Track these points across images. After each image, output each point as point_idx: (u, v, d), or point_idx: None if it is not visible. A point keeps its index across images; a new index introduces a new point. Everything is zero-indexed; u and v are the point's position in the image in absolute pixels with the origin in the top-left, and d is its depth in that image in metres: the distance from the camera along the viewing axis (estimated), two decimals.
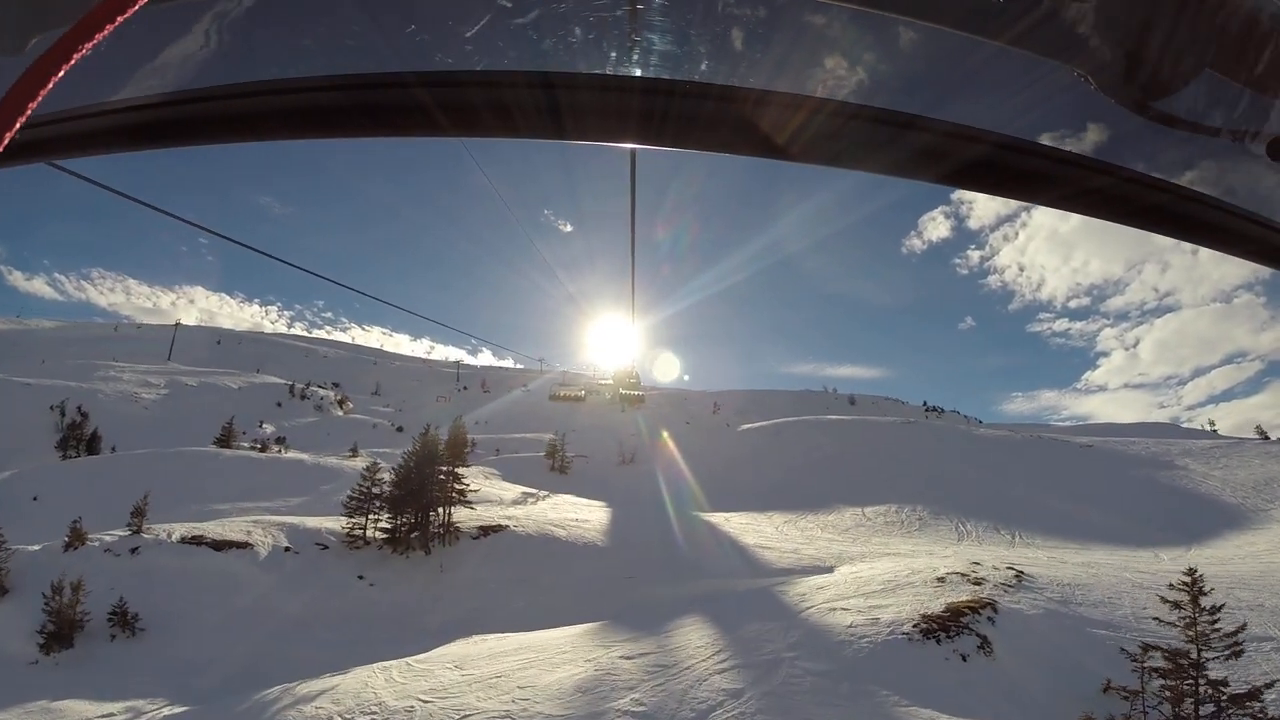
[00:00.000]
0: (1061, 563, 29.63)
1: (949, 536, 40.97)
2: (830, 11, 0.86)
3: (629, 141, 0.96)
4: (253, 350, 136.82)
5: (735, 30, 0.92)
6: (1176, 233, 1.02)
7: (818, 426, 75.13)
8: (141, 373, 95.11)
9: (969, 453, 64.55)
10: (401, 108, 0.98)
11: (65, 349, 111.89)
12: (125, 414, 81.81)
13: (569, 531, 32.03)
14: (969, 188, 1.02)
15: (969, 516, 45.19)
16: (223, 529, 32.32)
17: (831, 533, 40.29)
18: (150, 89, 1.01)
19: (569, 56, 0.93)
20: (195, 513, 39.11)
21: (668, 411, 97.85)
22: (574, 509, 40.76)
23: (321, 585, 28.23)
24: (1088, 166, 0.95)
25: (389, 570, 28.72)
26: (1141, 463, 64.40)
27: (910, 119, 0.94)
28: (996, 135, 0.93)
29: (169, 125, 1.03)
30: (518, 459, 64.42)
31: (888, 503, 48.53)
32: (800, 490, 53.67)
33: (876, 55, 0.94)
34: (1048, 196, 1.00)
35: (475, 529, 31.03)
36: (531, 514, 35.97)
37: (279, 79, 0.98)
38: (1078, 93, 0.85)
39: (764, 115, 0.92)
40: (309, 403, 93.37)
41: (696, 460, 64.76)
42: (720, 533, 36.72)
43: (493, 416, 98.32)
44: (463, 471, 33.39)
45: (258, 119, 1.02)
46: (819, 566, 29.29)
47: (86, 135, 1.04)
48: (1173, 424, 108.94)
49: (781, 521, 43.39)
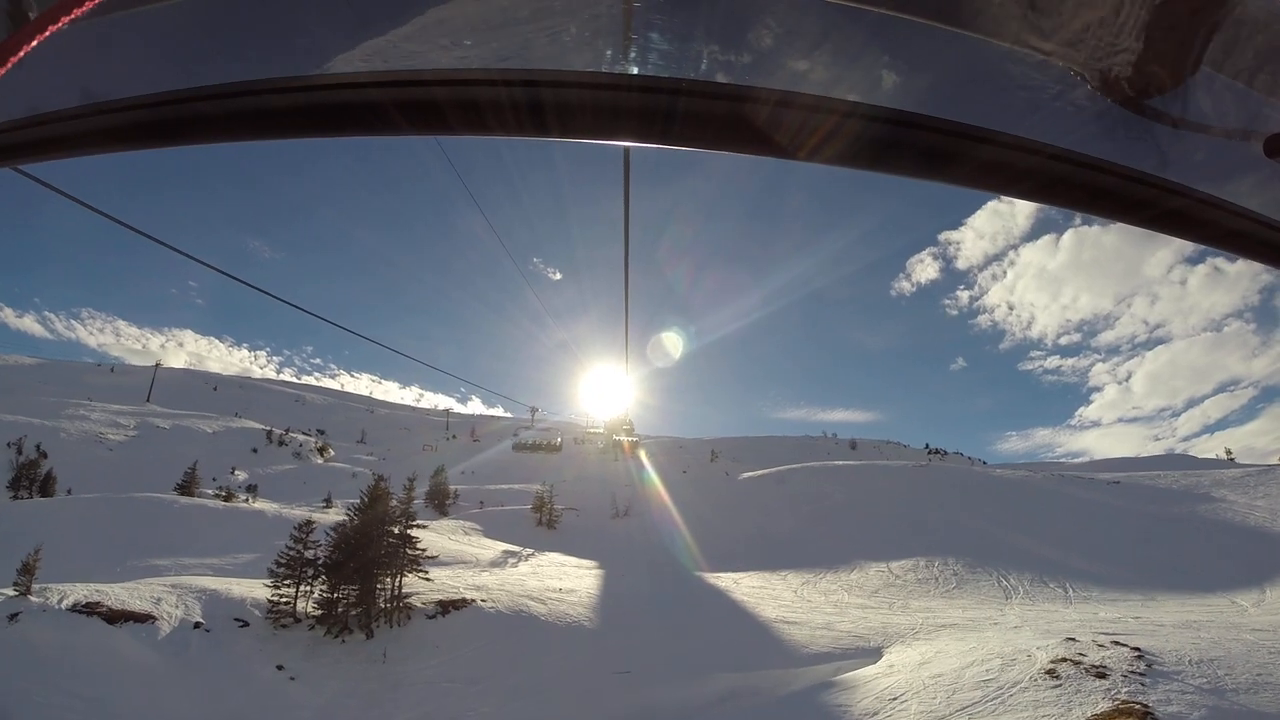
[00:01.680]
0: (1156, 626, 23.65)
1: (994, 595, 34.48)
2: (830, 11, 0.84)
3: (625, 140, 0.93)
4: (244, 395, 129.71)
5: (733, 30, 0.90)
6: (1175, 231, 1.00)
7: (824, 473, 68.62)
8: (112, 413, 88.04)
9: (988, 497, 58.11)
10: (369, 106, 0.93)
11: (42, 386, 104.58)
12: (88, 455, 74.54)
13: (549, 607, 25.28)
14: (968, 186, 0.98)
15: (1007, 569, 38.80)
16: (130, 594, 25.69)
17: (860, 596, 33.54)
18: (126, 91, 0.97)
19: (563, 54, 0.92)
20: (127, 569, 33.52)
21: (662, 460, 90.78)
22: (559, 573, 34.01)
23: (228, 677, 21.39)
24: (1087, 165, 0.93)
25: (318, 659, 21.91)
26: (1176, 497, 58.51)
27: (909, 117, 0.91)
28: (995, 134, 0.91)
29: (145, 127, 0.99)
30: (502, 512, 57.41)
31: (913, 556, 41.95)
32: (814, 545, 46.93)
33: (875, 54, 0.92)
34: (1047, 195, 0.97)
35: (433, 605, 24.30)
36: (507, 582, 29.19)
37: (251, 80, 0.95)
38: (1077, 91, 0.84)
39: (764, 114, 0.89)
40: (287, 449, 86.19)
41: (695, 512, 57.95)
42: (732, 602, 29.99)
43: (481, 467, 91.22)
44: (427, 532, 27.17)
45: (234, 120, 0.98)
46: (864, 648, 22.73)
47: (61, 139, 1.01)
48: (1185, 455, 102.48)
49: (799, 583, 36.61)
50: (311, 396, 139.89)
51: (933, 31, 0.82)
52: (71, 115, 0.98)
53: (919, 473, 68.67)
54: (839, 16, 0.85)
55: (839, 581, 37.14)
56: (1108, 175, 0.93)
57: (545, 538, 50.39)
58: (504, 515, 56.03)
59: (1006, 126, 0.90)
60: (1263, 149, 0.82)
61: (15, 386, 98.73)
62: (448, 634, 22.80)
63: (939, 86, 0.96)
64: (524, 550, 43.30)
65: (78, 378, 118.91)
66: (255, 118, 0.96)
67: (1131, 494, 59.64)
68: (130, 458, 74.69)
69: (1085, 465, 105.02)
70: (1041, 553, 42.22)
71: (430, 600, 24.65)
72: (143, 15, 0.87)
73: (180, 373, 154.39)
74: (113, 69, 0.97)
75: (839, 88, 0.94)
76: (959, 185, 0.97)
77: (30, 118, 0.98)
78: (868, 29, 0.87)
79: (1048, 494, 58.94)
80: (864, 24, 0.86)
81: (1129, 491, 60.96)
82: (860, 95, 0.91)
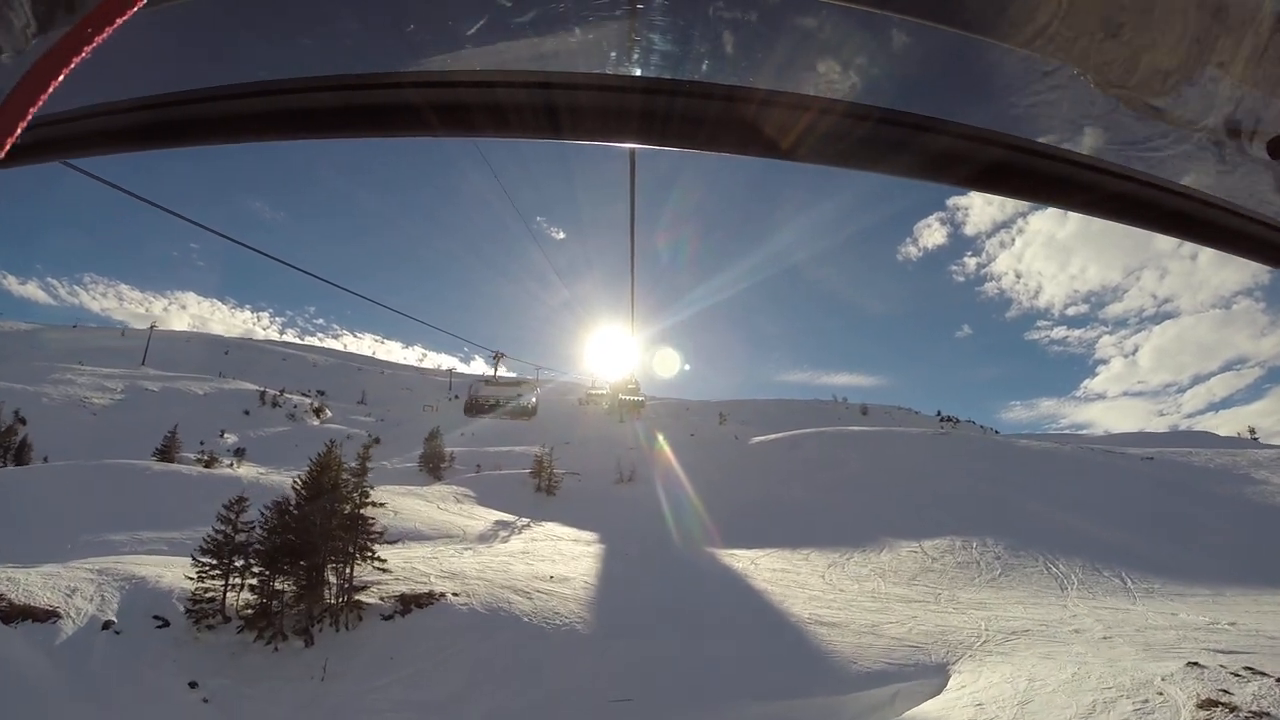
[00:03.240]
0: (1270, 639, 18.99)
1: (1047, 585, 29.69)
2: (830, 12, 0.82)
3: (630, 141, 0.93)
4: (250, 357, 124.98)
5: (736, 31, 0.88)
6: (1176, 232, 0.99)
7: (839, 439, 63.47)
8: (101, 377, 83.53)
9: (1016, 469, 53.00)
10: (399, 108, 0.94)
11: (35, 351, 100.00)
12: (71, 420, 70.25)
13: (535, 603, 20.29)
14: (967, 187, 0.98)
15: (1054, 553, 33.92)
16: (45, 582, 21.21)
17: (898, 584, 28.64)
18: (147, 90, 0.97)
19: (569, 57, 0.90)
20: (79, 545, 28.82)
21: (669, 422, 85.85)
22: (553, 551, 29.19)
23: (129, 694, 16.69)
24: (1087, 166, 0.92)
25: (242, 672, 17.13)
26: (1215, 477, 53.55)
27: (910, 118, 0.90)
28: (996, 134, 0.90)
29: (167, 126, 0.99)
30: (499, 477, 52.71)
31: (946, 535, 37.03)
32: (833, 518, 42.06)
33: (875, 55, 0.90)
34: (1047, 196, 0.96)
35: (393, 600, 19.36)
36: (490, 566, 24.25)
37: (276, 80, 0.95)
38: (1077, 92, 0.83)
39: (766, 116, 0.89)
40: (281, 411, 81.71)
41: (705, 479, 53.10)
42: (753, 592, 25.09)
43: (482, 429, 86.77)
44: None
45: (255, 120, 0.98)
46: (923, 663, 17.80)
47: (87, 136, 1.00)
48: (1207, 433, 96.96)
49: (825, 565, 31.72)
50: (314, 357, 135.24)
51: (940, 34, 0.77)
52: (106, 111, 0.96)
53: (939, 441, 63.51)
54: (840, 17, 0.81)
55: (870, 564, 32.24)
56: (1108, 175, 0.91)
57: (544, 505, 45.74)
58: (501, 480, 51.37)
59: (1006, 127, 0.89)
60: (1265, 150, 0.79)
61: (10, 354, 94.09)
62: (407, 640, 17.89)
63: (940, 87, 0.92)
64: (518, 521, 38.59)
65: (78, 342, 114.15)
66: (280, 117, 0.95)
67: (1168, 471, 54.47)
68: (113, 422, 70.27)
69: (1106, 439, 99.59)
70: (1087, 533, 37.30)
71: (391, 594, 19.72)
72: (172, 11, 0.83)
73: (185, 335, 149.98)
74: (147, 66, 0.92)
75: (841, 88, 0.92)
76: (960, 185, 0.95)
77: (81, 109, 0.94)
78: (870, 29, 0.84)
79: (1079, 468, 53.75)
80: (866, 25, 0.83)
81: (1164, 468, 55.79)
82: (863, 96, 0.89)
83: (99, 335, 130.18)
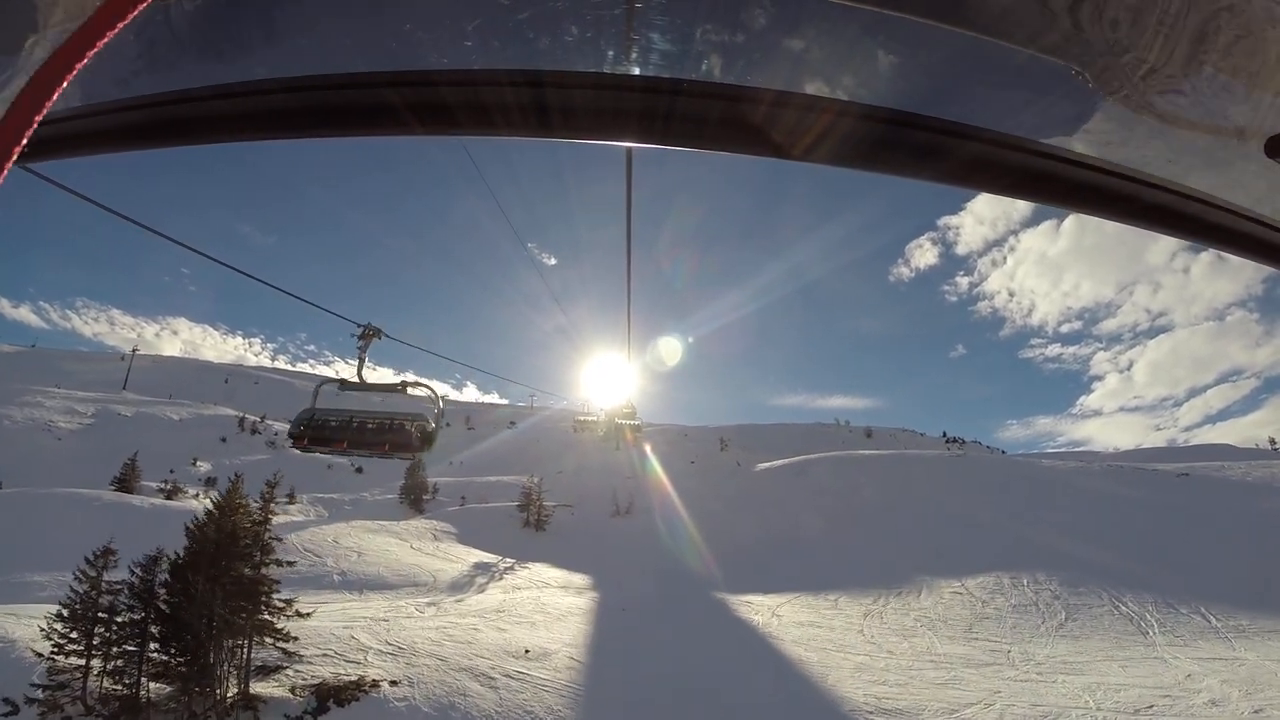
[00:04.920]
0: None
1: (1125, 630, 24.38)
2: (831, 10, 0.81)
3: (627, 140, 0.91)
4: (243, 385, 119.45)
5: (734, 30, 0.87)
6: (1174, 231, 0.97)
7: (848, 464, 58.07)
8: (74, 400, 77.73)
9: (1043, 493, 47.58)
10: (382, 108, 0.91)
11: (11, 373, 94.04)
12: (32, 445, 64.33)
13: (501, 693, 14.77)
14: (967, 186, 0.96)
15: (1117, 589, 28.60)
16: None
17: (953, 639, 23.18)
18: (138, 90, 0.95)
19: (565, 55, 0.88)
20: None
21: (666, 449, 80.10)
22: (535, 608, 23.63)
23: None
24: (1086, 165, 0.90)
25: None
26: (1257, 492, 48.01)
27: (909, 117, 0.88)
28: (995, 134, 0.89)
29: (155, 126, 0.97)
30: (484, 510, 47.01)
31: (988, 571, 31.58)
32: (857, 554, 36.53)
33: (875, 53, 0.88)
34: (1046, 194, 0.94)
35: (307, 692, 13.89)
36: (454, 629, 18.78)
37: (267, 79, 0.92)
38: (1076, 91, 0.81)
39: (765, 114, 0.87)
40: (260, 438, 75.82)
41: (708, 510, 47.56)
42: (783, 659, 19.63)
43: (472, 457, 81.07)
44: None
45: (244, 119, 0.96)
46: None
47: (76, 137, 0.98)
48: (1228, 446, 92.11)
49: (860, 615, 26.21)
50: (305, 384, 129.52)
51: (940, 32, 0.76)
52: (76, 115, 0.94)
53: (954, 463, 58.16)
54: (839, 16, 0.79)
55: (911, 611, 26.78)
56: (1108, 175, 0.90)
57: (532, 543, 40.11)
58: (486, 514, 45.70)
59: (1006, 126, 0.87)
60: (1263, 149, 0.78)
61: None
62: None
63: (939, 85, 0.90)
64: (500, 563, 33.05)
65: (56, 364, 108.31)
66: (261, 117, 0.93)
67: (1207, 488, 49.12)
68: (78, 448, 64.43)
69: (1120, 455, 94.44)
70: (1145, 565, 31.87)
71: (307, 682, 14.25)
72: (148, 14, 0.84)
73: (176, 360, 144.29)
74: (117, 69, 0.89)
75: (841, 87, 0.91)
76: (959, 186, 0.94)
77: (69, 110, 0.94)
78: (870, 28, 0.82)
79: (1110, 489, 48.42)
80: (866, 24, 0.81)
81: (1201, 485, 50.46)
82: (861, 95, 0.88)
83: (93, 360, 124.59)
